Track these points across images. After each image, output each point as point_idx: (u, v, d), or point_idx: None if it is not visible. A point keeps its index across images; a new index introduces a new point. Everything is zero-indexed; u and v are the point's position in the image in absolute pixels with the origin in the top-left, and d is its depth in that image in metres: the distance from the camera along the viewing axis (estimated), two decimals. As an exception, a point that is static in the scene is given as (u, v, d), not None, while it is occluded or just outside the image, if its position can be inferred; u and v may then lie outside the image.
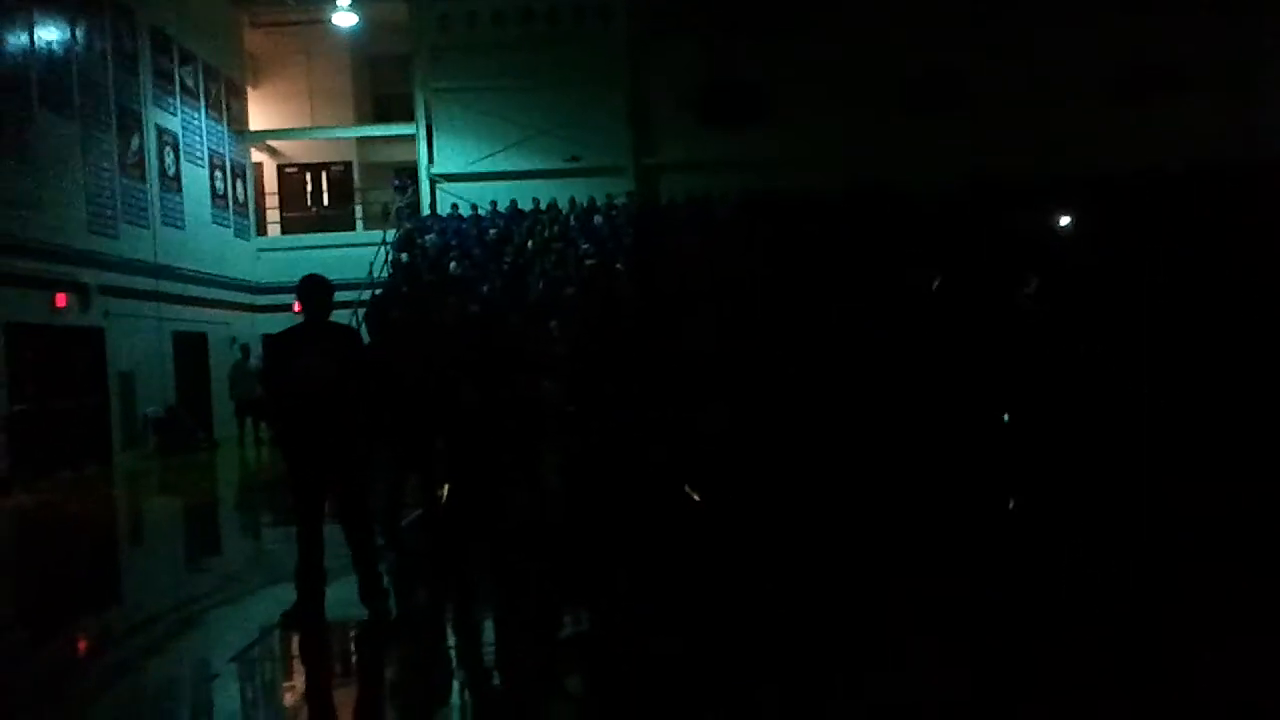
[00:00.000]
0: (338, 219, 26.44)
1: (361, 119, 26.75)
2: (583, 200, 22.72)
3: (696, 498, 8.70)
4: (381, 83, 27.33)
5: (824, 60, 22.94)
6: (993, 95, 22.50)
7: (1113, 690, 4.50)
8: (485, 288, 17.69)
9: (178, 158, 21.27)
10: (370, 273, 20.36)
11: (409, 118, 25.23)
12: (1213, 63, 22.43)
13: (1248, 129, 21.77)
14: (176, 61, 21.60)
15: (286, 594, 6.26)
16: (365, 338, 8.48)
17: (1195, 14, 22.30)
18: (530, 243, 20.69)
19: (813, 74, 23.03)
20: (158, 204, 20.24)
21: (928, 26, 22.79)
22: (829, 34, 23.00)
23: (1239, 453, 9.21)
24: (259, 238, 25.31)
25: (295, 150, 27.10)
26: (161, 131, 20.69)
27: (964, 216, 18.31)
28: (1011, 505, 8.83)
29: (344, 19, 24.46)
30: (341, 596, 6.30)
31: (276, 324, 11.59)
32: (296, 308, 6.93)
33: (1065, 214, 18.26)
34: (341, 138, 26.50)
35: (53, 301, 16.44)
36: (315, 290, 6.28)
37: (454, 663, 5.86)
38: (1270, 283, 12.19)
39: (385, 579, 6.68)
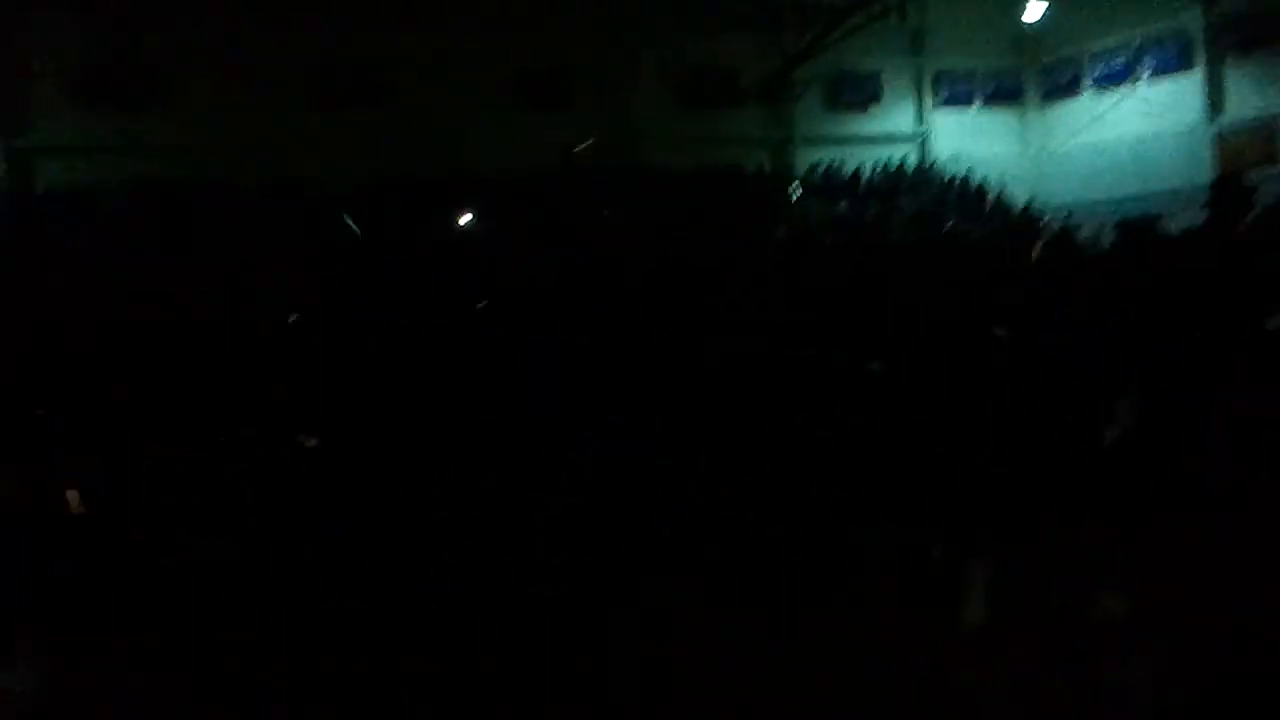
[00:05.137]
0: None
1: None
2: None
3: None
4: None
5: (231, 48, 21.55)
6: (406, 95, 22.84)
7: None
8: None
9: None
10: None
11: None
12: (597, 77, 24.44)
13: (625, 136, 24.03)
14: None
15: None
16: None
17: (585, 32, 23.96)
18: None
19: (220, 61, 21.60)
20: None
21: (346, 20, 22.22)
22: (236, 20, 21.50)
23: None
24: None
25: None
26: None
27: (371, 212, 18.35)
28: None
29: None
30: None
31: None
32: None
33: (469, 213, 19.03)
34: None
35: None
36: None
37: None
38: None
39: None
